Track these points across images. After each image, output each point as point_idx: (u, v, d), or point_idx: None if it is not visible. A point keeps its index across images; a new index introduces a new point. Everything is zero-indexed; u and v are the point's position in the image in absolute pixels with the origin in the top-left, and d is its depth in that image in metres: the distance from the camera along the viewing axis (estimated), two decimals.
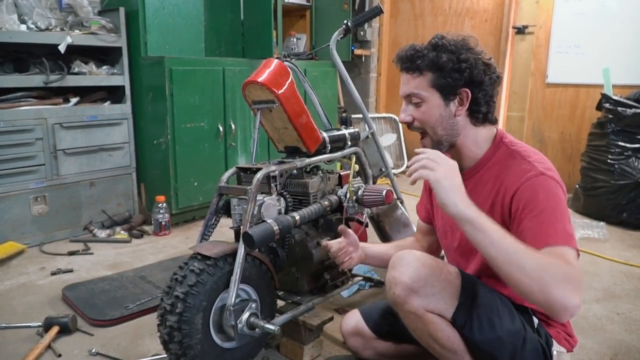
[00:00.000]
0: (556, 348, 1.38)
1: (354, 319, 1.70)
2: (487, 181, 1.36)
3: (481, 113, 1.38)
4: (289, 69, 1.80)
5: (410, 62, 1.36)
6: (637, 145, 3.40)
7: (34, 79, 2.89)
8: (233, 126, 3.47)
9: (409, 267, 1.29)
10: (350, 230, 1.67)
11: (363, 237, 2.09)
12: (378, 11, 2.24)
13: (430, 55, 1.33)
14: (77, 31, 3.06)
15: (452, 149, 1.41)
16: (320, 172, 1.93)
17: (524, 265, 1.08)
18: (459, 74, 1.32)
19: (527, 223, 1.22)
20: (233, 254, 1.53)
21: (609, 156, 3.48)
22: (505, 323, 1.28)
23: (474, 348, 1.32)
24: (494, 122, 1.42)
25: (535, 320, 1.37)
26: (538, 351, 1.34)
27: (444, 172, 1.20)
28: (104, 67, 3.23)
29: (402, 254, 1.35)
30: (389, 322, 1.64)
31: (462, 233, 1.41)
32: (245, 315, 1.51)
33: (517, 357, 1.30)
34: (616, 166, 3.43)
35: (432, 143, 1.40)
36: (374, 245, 1.78)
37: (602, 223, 3.39)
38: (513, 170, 1.31)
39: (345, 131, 2.02)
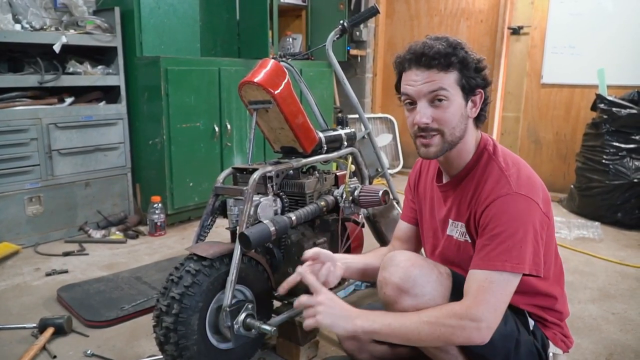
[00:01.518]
0: (552, 350, 1.38)
1: None
2: (467, 192, 1.34)
3: (484, 114, 1.35)
4: (285, 69, 1.80)
5: (443, 57, 1.25)
6: (631, 146, 3.41)
7: (29, 79, 2.87)
8: (229, 126, 3.46)
9: (399, 268, 1.30)
10: (317, 250, 1.47)
11: (359, 238, 2.09)
12: (374, 11, 2.24)
13: (460, 53, 1.27)
14: (72, 31, 3.04)
15: (448, 154, 1.35)
16: (316, 172, 1.93)
17: (421, 337, 1.21)
18: (481, 74, 1.30)
19: (484, 241, 1.24)
20: (229, 255, 1.53)
21: (604, 156, 3.49)
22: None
23: (467, 350, 1.32)
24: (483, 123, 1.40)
25: (531, 322, 1.37)
26: (533, 354, 1.34)
27: (323, 311, 1.26)
28: (99, 67, 3.21)
29: (393, 254, 1.35)
30: None
31: (446, 239, 1.41)
32: (242, 316, 1.52)
33: (511, 359, 1.30)
34: (611, 166, 3.45)
35: (443, 143, 1.31)
36: (352, 258, 1.61)
37: (596, 223, 3.41)
38: (489, 185, 1.28)
39: (341, 131, 2.02)
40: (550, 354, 1.37)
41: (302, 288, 1.80)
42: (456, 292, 1.30)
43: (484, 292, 1.18)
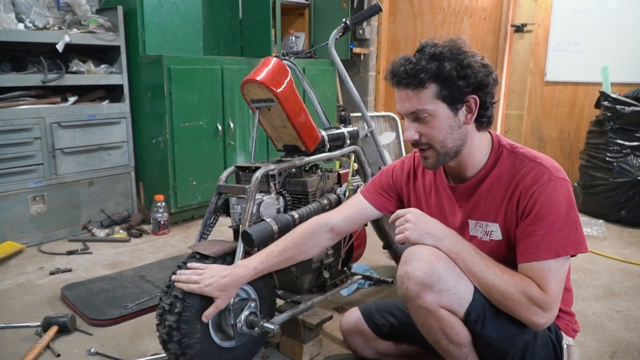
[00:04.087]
0: (566, 342, 1.38)
1: (353, 318, 1.70)
2: (497, 191, 1.33)
3: (487, 117, 1.33)
4: (287, 67, 1.80)
5: (411, 77, 1.26)
6: (635, 143, 3.40)
7: (32, 78, 2.88)
8: (232, 125, 3.46)
9: (423, 262, 1.26)
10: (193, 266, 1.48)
11: (362, 236, 2.09)
12: (377, 9, 2.23)
13: (431, 66, 1.24)
14: (75, 30, 3.05)
15: (455, 159, 1.36)
16: (319, 170, 1.93)
17: (490, 291, 1.26)
18: (465, 80, 1.26)
19: (537, 230, 1.24)
20: (232, 253, 1.53)
21: (608, 154, 3.48)
22: (517, 320, 1.27)
23: (485, 345, 1.30)
24: (491, 125, 1.38)
25: None
26: (548, 346, 1.34)
27: (410, 228, 1.32)
28: (102, 65, 3.22)
29: (415, 248, 1.30)
30: (389, 322, 1.63)
31: (470, 239, 1.40)
32: (245, 314, 1.52)
33: (528, 352, 1.30)
34: (615, 164, 3.43)
35: (437, 156, 1.33)
36: (259, 254, 1.53)
37: (600, 221, 3.39)
38: (525, 174, 1.28)
39: (344, 130, 2.01)
40: (565, 346, 1.37)
41: (302, 284, 1.82)
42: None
43: (554, 284, 1.22)
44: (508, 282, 1.23)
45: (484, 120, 1.33)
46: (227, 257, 1.54)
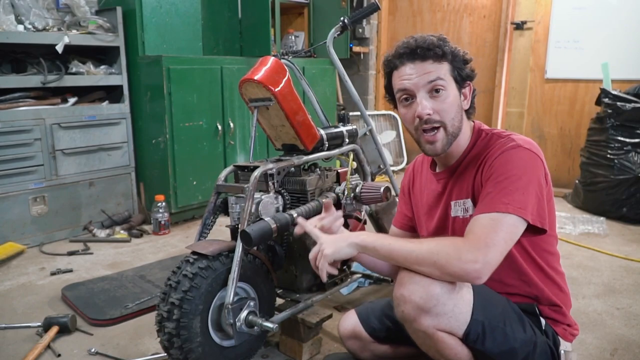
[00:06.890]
0: (563, 347, 1.38)
1: (351, 322, 1.67)
2: (471, 170, 1.37)
3: (473, 107, 1.41)
4: (285, 66, 1.80)
5: (432, 49, 1.30)
6: (636, 140, 3.39)
7: (32, 79, 2.89)
8: (232, 124, 3.46)
9: (419, 286, 1.21)
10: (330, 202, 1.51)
11: None
12: (374, 8, 2.23)
13: (449, 44, 1.32)
14: (74, 31, 3.05)
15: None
16: (318, 169, 1.93)
17: (418, 260, 1.20)
18: (467, 65, 1.35)
19: (488, 189, 1.25)
20: (229, 252, 1.53)
21: (609, 151, 3.47)
22: (517, 333, 1.27)
23: (486, 359, 1.29)
24: (473, 115, 1.45)
25: (543, 321, 1.37)
26: (547, 353, 1.34)
27: (325, 247, 1.30)
28: (102, 66, 3.23)
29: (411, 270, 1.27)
30: (386, 326, 1.62)
31: (452, 222, 1.42)
32: (244, 313, 1.52)
33: None
34: (616, 161, 3.43)
35: (447, 136, 1.34)
36: None
37: (602, 218, 3.39)
38: (491, 148, 1.33)
39: (342, 128, 2.01)
40: (562, 352, 1.37)
41: (302, 283, 1.82)
42: (477, 307, 1.26)
43: (486, 230, 1.18)
44: (429, 243, 1.22)
45: (471, 111, 1.41)
46: (222, 259, 1.53)
